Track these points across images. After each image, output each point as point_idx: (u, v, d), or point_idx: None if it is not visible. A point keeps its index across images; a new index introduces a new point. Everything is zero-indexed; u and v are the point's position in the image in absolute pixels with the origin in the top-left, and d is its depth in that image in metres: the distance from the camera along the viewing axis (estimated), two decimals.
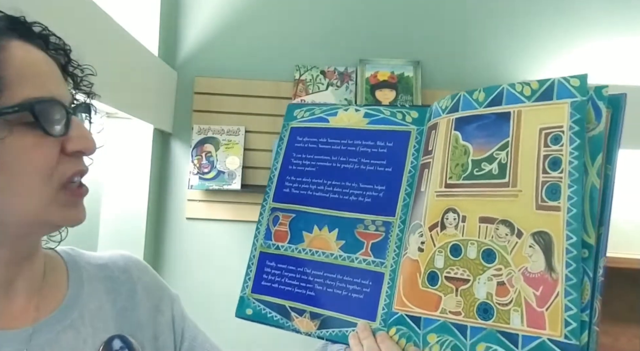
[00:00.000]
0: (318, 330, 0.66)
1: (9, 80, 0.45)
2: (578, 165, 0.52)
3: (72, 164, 0.50)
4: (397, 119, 0.72)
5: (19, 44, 0.48)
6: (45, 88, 0.48)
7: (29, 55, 0.48)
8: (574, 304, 0.48)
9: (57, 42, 0.55)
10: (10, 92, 0.45)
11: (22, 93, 0.46)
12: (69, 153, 0.50)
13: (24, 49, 0.48)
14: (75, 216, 0.51)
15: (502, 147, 0.57)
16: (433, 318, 0.57)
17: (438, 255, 0.58)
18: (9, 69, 0.46)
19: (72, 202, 0.51)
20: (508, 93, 0.59)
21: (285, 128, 0.79)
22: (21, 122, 0.46)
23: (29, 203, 0.47)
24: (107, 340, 0.57)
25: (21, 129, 0.46)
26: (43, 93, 0.47)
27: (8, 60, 0.46)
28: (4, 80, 0.45)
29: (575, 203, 0.51)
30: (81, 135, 0.51)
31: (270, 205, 0.75)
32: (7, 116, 0.45)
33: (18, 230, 0.49)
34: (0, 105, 0.44)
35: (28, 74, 0.47)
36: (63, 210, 0.50)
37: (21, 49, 0.48)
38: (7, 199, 0.47)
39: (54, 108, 0.48)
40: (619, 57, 1.85)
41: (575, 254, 0.49)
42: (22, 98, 0.46)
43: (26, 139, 0.46)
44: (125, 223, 1.71)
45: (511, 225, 0.54)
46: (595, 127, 0.52)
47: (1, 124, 0.45)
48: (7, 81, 0.45)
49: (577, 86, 0.54)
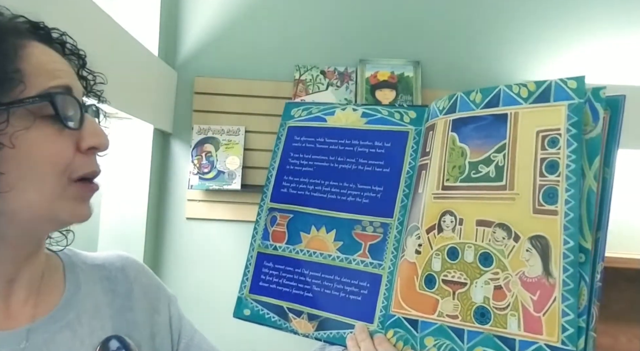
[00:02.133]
0: (316, 332, 0.66)
1: (28, 72, 0.47)
2: (575, 168, 0.51)
3: (87, 164, 0.51)
4: (395, 119, 0.72)
5: (38, 45, 0.50)
6: (62, 79, 0.50)
7: (47, 55, 0.50)
8: (571, 309, 0.48)
9: (73, 47, 0.57)
10: (29, 84, 0.47)
11: (41, 85, 0.47)
12: (83, 151, 0.51)
13: (42, 49, 0.50)
14: (81, 212, 0.52)
15: (499, 149, 0.57)
16: (430, 321, 0.57)
17: (435, 258, 0.58)
18: (27, 63, 0.47)
19: (81, 197, 0.51)
20: (505, 94, 0.58)
21: (282, 127, 0.78)
22: (42, 115, 0.47)
23: (41, 197, 0.48)
24: (104, 340, 0.57)
25: (41, 122, 0.48)
26: (60, 83, 0.49)
27: (27, 56, 0.48)
28: (23, 72, 0.46)
29: (572, 207, 0.50)
30: (95, 132, 0.52)
31: (267, 205, 0.75)
32: (29, 106, 0.46)
33: (27, 224, 0.50)
34: (22, 96, 0.46)
35: (45, 68, 0.49)
36: (71, 204, 0.50)
37: (40, 48, 0.50)
38: (20, 191, 0.47)
39: (70, 99, 0.49)
40: (619, 57, 1.84)
41: (572, 259, 0.49)
42: (41, 89, 0.47)
43: (45, 132, 0.48)
44: (125, 223, 1.71)
45: (508, 228, 0.54)
46: (593, 129, 0.52)
47: (25, 115, 0.46)
48: (26, 73, 0.47)
49: (575, 88, 0.53)
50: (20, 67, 0.47)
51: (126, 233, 1.71)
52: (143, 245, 1.71)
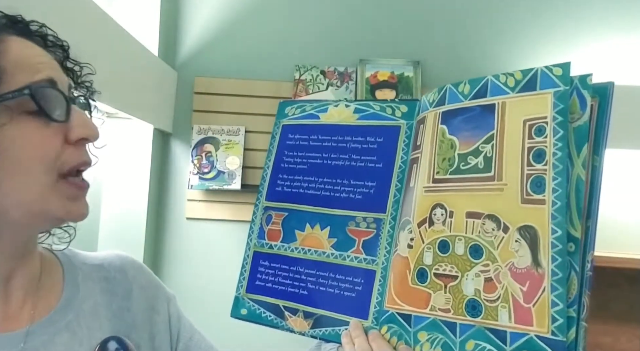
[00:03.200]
0: (311, 329, 0.66)
1: (7, 68, 0.46)
2: (562, 156, 0.50)
3: (77, 155, 0.51)
4: (387, 114, 0.71)
5: (18, 39, 0.49)
6: (43, 73, 0.49)
7: (27, 49, 0.49)
8: (560, 299, 0.47)
9: (54, 39, 0.56)
10: (8, 79, 0.46)
11: (21, 80, 0.47)
12: (72, 143, 0.50)
13: (21, 43, 0.49)
14: (77, 210, 0.51)
15: (487, 140, 0.56)
16: (423, 315, 0.57)
17: (427, 252, 0.58)
18: (6, 58, 0.46)
19: (74, 194, 0.51)
20: (492, 84, 0.58)
21: (277, 126, 0.78)
22: (23, 110, 0.47)
23: (31, 193, 0.47)
24: (103, 341, 0.57)
25: (23, 117, 0.47)
26: (42, 77, 0.48)
27: (6, 51, 0.47)
28: (1, 68, 0.46)
29: (559, 195, 0.50)
30: (83, 123, 0.51)
31: (263, 204, 0.75)
32: (8, 102, 0.45)
33: (20, 221, 0.49)
34: (1, 91, 0.45)
35: (26, 62, 0.48)
36: (65, 202, 0.50)
37: (19, 42, 0.49)
38: (9, 188, 0.46)
39: (52, 92, 0.48)
40: (619, 57, 1.83)
41: (560, 248, 0.48)
42: (21, 84, 0.46)
43: (28, 127, 0.47)
44: (125, 223, 1.71)
45: (497, 219, 0.53)
46: (580, 117, 0.51)
47: (5, 111, 0.46)
48: (5, 69, 0.46)
49: (560, 75, 0.53)
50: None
51: (126, 233, 1.71)
52: (143, 245, 1.71)
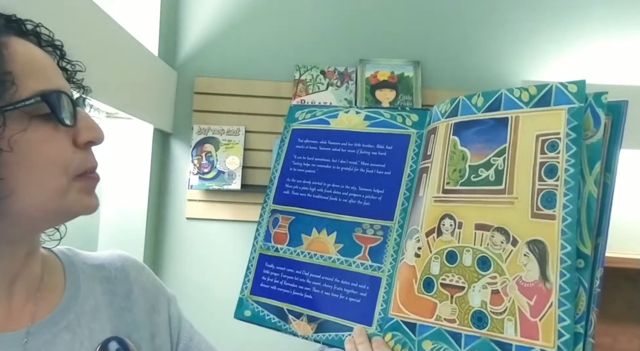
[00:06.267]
0: (315, 334, 0.66)
1: (18, 74, 0.46)
2: (574, 173, 0.51)
3: (85, 159, 0.51)
4: (398, 122, 0.72)
5: (18, 41, 0.49)
6: (51, 81, 0.49)
7: (29, 51, 0.49)
8: (567, 315, 0.48)
9: (48, 38, 0.55)
10: (20, 84, 0.46)
11: (32, 86, 0.47)
12: (80, 146, 0.51)
13: (23, 45, 0.49)
14: (90, 203, 0.52)
15: (499, 153, 0.57)
16: (428, 324, 0.57)
17: (434, 262, 0.58)
18: (15, 64, 0.46)
19: (87, 188, 0.52)
20: (506, 98, 0.58)
21: (286, 129, 0.78)
22: (36, 114, 0.47)
23: (45, 197, 0.48)
24: (104, 341, 0.57)
25: (36, 122, 0.47)
26: (50, 86, 0.48)
27: (12, 56, 0.47)
28: (13, 73, 0.46)
29: (570, 211, 0.50)
30: (89, 126, 0.52)
31: (270, 207, 0.75)
32: (25, 108, 0.46)
33: (34, 223, 0.50)
34: (16, 97, 0.45)
35: (33, 68, 0.48)
36: (80, 196, 0.51)
37: (21, 45, 0.49)
38: (27, 192, 0.47)
39: (63, 96, 0.49)
40: (619, 57, 1.84)
41: (569, 264, 0.49)
42: (34, 91, 0.47)
43: (42, 132, 0.48)
44: (125, 223, 1.71)
45: (506, 232, 0.54)
46: (594, 135, 0.52)
47: (21, 117, 0.46)
48: (16, 75, 0.46)
49: (575, 92, 0.53)
50: (10, 68, 0.46)
51: (126, 233, 1.71)
52: (143, 244, 1.71)
